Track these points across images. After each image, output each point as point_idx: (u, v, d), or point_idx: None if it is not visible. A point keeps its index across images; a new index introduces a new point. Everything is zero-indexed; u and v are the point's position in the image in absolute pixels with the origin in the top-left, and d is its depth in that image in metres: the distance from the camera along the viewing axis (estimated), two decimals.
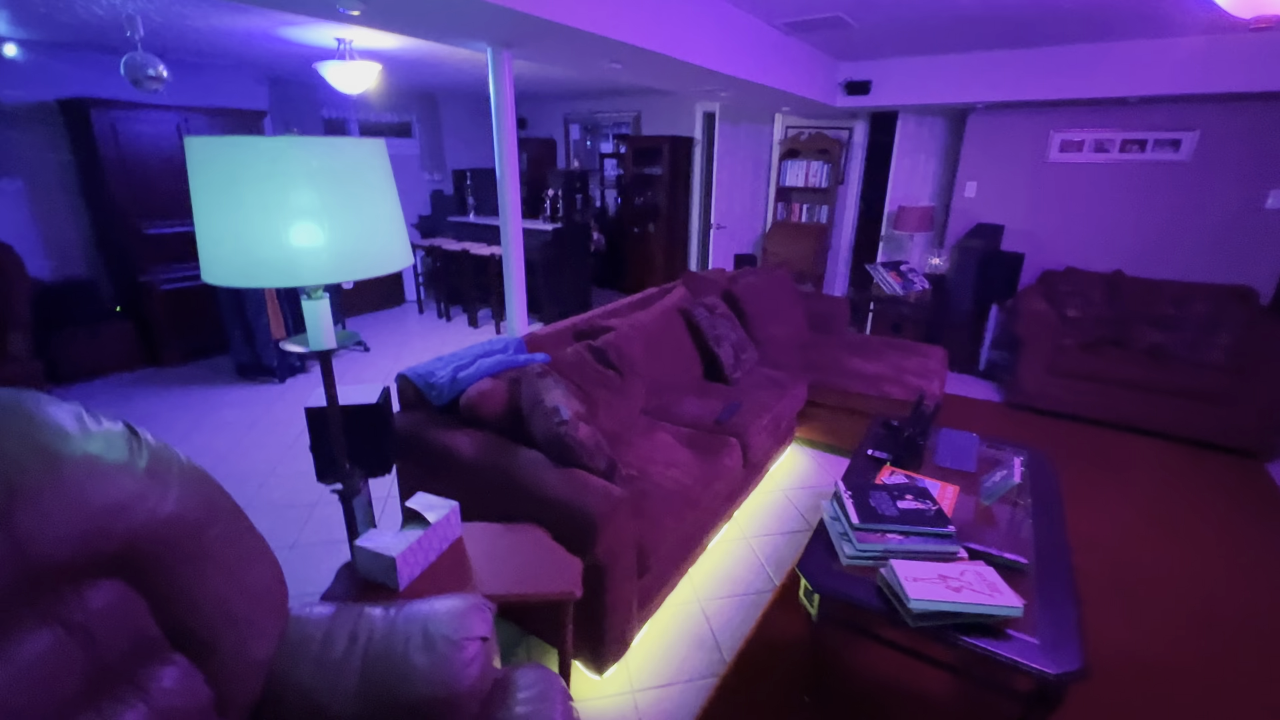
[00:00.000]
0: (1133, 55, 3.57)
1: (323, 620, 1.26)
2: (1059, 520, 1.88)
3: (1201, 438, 3.40)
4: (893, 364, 3.33)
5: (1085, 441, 3.47)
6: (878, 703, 1.79)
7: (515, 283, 2.66)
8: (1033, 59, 3.87)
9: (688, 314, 3.16)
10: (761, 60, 3.40)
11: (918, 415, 2.28)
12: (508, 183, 2.49)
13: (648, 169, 6.27)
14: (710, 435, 2.49)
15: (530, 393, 1.97)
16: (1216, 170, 3.85)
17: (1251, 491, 2.96)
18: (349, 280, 1.28)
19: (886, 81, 4.42)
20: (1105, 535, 2.60)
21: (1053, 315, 3.74)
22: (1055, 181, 4.36)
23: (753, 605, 2.19)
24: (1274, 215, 3.74)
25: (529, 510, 1.72)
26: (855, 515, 1.72)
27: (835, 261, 5.78)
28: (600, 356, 2.54)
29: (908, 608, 1.45)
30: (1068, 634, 1.44)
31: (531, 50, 2.43)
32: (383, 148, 1.28)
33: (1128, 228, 4.19)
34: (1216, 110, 3.80)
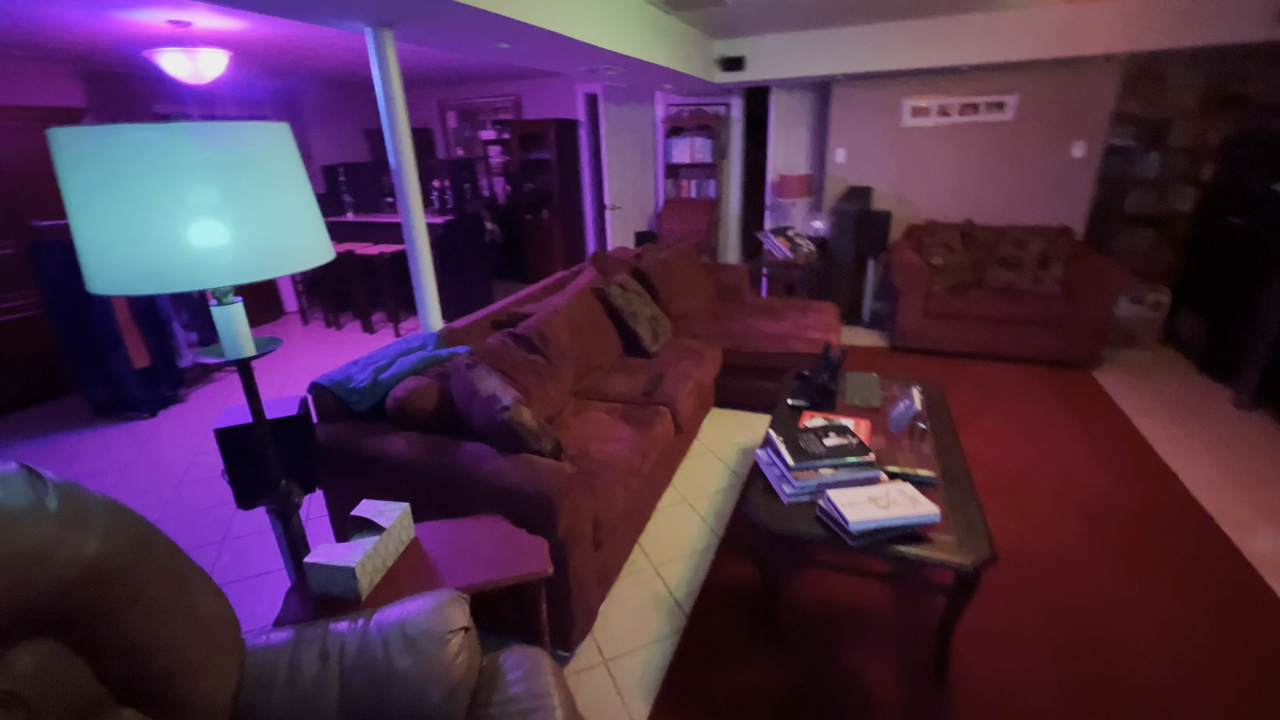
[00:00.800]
0: (964, 28, 4.03)
1: (284, 646, 1.18)
2: (955, 439, 2.15)
3: (1048, 358, 3.99)
4: (794, 322, 3.57)
5: (960, 372, 3.95)
6: (826, 623, 1.97)
7: (424, 275, 2.54)
8: (885, 33, 4.25)
9: (602, 293, 3.19)
10: (643, 38, 3.46)
11: (827, 363, 2.49)
12: (405, 173, 2.36)
13: (535, 154, 6.16)
14: (641, 408, 2.56)
15: (463, 385, 1.92)
16: (1034, 127, 4.48)
17: (1088, 396, 3.54)
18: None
19: (758, 57, 4.65)
20: (986, 449, 2.99)
21: (921, 264, 4.19)
22: (910, 144, 4.85)
23: (702, 560, 2.31)
24: (1079, 163, 4.43)
25: (482, 502, 1.69)
26: (790, 457, 1.86)
27: (728, 232, 6.04)
28: (525, 343, 2.51)
29: (848, 531, 1.61)
30: (977, 531, 1.67)
31: (416, 30, 2.31)
32: (288, 132, 1.19)
33: (972, 181, 4.76)
34: (1031, 75, 4.40)
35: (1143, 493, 2.60)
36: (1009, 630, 1.92)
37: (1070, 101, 4.36)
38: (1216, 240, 3.88)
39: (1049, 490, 2.64)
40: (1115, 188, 4.86)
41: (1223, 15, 3.57)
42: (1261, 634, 1.88)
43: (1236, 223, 3.68)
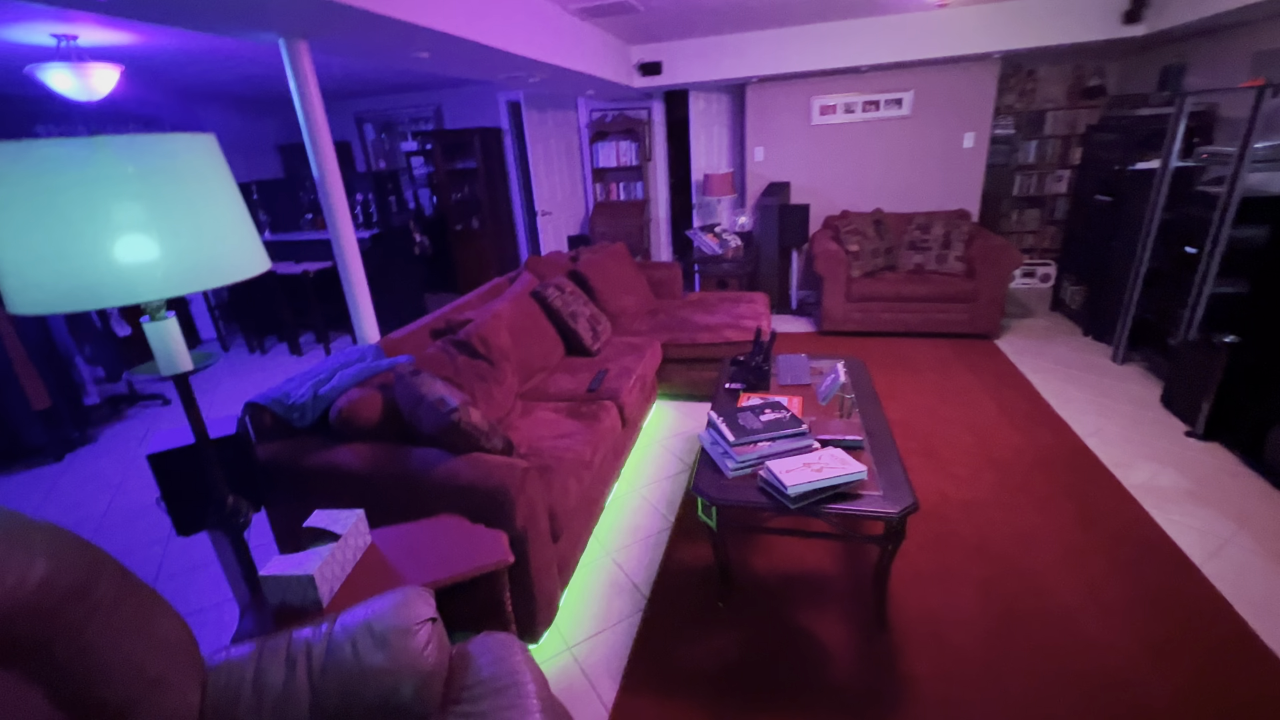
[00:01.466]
0: (862, 32, 4.35)
1: (246, 658, 1.17)
2: (877, 405, 2.34)
3: (957, 331, 4.35)
4: (728, 313, 3.74)
5: (883, 350, 4.24)
6: (777, 588, 2.10)
7: (357, 288, 2.51)
8: (791, 36, 4.51)
9: (540, 296, 3.24)
10: (562, 45, 3.53)
11: (759, 347, 2.64)
12: (330, 187, 2.33)
13: (460, 163, 6.10)
14: (587, 404, 2.63)
15: (408, 392, 1.93)
16: (930, 120, 4.87)
17: (993, 363, 3.89)
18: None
19: (675, 62, 4.82)
20: (910, 416, 3.25)
21: (840, 252, 4.47)
22: (821, 140, 5.15)
23: (657, 544, 2.40)
24: (970, 152, 4.86)
25: (438, 503, 1.71)
26: (731, 435, 1.99)
27: (658, 232, 6.19)
28: (466, 349, 2.52)
29: (787, 494, 1.74)
30: (900, 483, 1.84)
31: (331, 40, 2.29)
32: (214, 144, 1.18)
33: (878, 172, 5.12)
34: (924, 73, 4.79)
35: (1043, 443, 2.91)
36: (937, 574, 2.12)
37: (959, 97, 4.77)
38: (1088, 216, 4.36)
39: (965, 448, 2.90)
40: (1002, 173, 5.35)
41: (1078, 17, 4.02)
42: (1141, 551, 2.16)
43: (1103, 200, 4.15)
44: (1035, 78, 5.14)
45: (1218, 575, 2.04)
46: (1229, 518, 2.32)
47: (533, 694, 1.20)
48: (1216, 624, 1.84)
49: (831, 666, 1.79)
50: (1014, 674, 1.72)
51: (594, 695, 1.76)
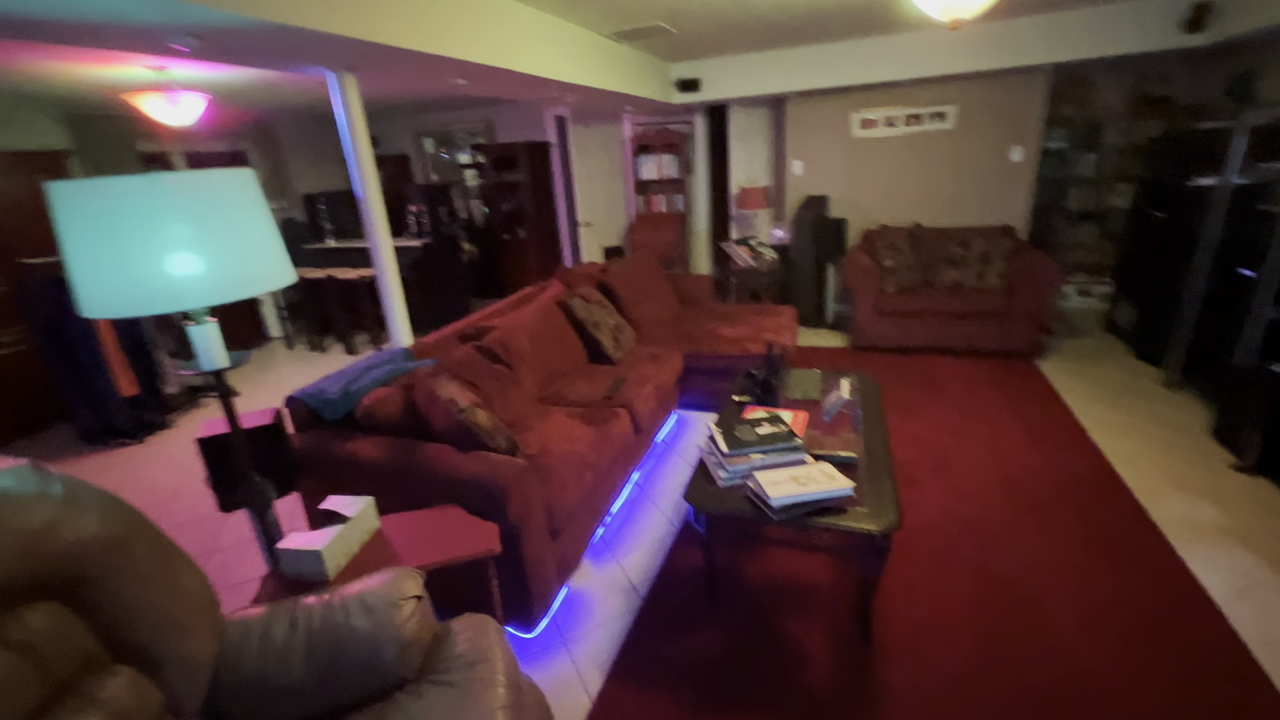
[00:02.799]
0: (903, 45, 4.32)
1: (259, 617, 1.35)
2: (881, 422, 2.35)
3: (992, 348, 4.22)
4: (752, 325, 3.79)
5: (913, 366, 4.17)
6: (767, 595, 2.15)
7: (393, 295, 2.74)
8: (829, 52, 4.52)
9: (565, 306, 3.40)
10: (599, 67, 3.70)
11: (769, 360, 2.69)
12: (371, 203, 2.57)
13: (508, 176, 6.39)
14: (600, 410, 2.75)
15: (425, 391, 2.11)
16: (974, 134, 4.75)
17: (1029, 383, 3.76)
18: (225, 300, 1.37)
19: (714, 78, 4.92)
20: (931, 433, 3.20)
21: (874, 267, 4.43)
22: (860, 154, 5.11)
23: (659, 548, 2.49)
24: (1018, 166, 4.70)
25: (442, 495, 1.87)
26: (725, 445, 2.06)
27: (697, 243, 6.28)
28: (488, 354, 2.70)
29: (771, 506, 1.80)
30: (887, 502, 1.86)
31: (374, 73, 2.53)
32: (251, 177, 1.39)
33: (919, 186, 5.02)
34: (967, 86, 4.68)
35: (1067, 466, 2.81)
36: (930, 589, 2.11)
37: (1005, 110, 4.64)
38: (1145, 233, 4.14)
39: (983, 468, 2.84)
40: (1056, 187, 5.14)
41: (1134, 27, 3.86)
42: (1155, 584, 2.08)
43: (1160, 216, 3.94)
44: (1093, 87, 4.92)
45: (1240, 617, 1.94)
46: (1264, 557, 2.19)
47: (500, 669, 1.32)
48: (1228, 669, 1.76)
49: (810, 671, 1.83)
50: (991, 695, 1.71)
51: (580, 685, 1.87)
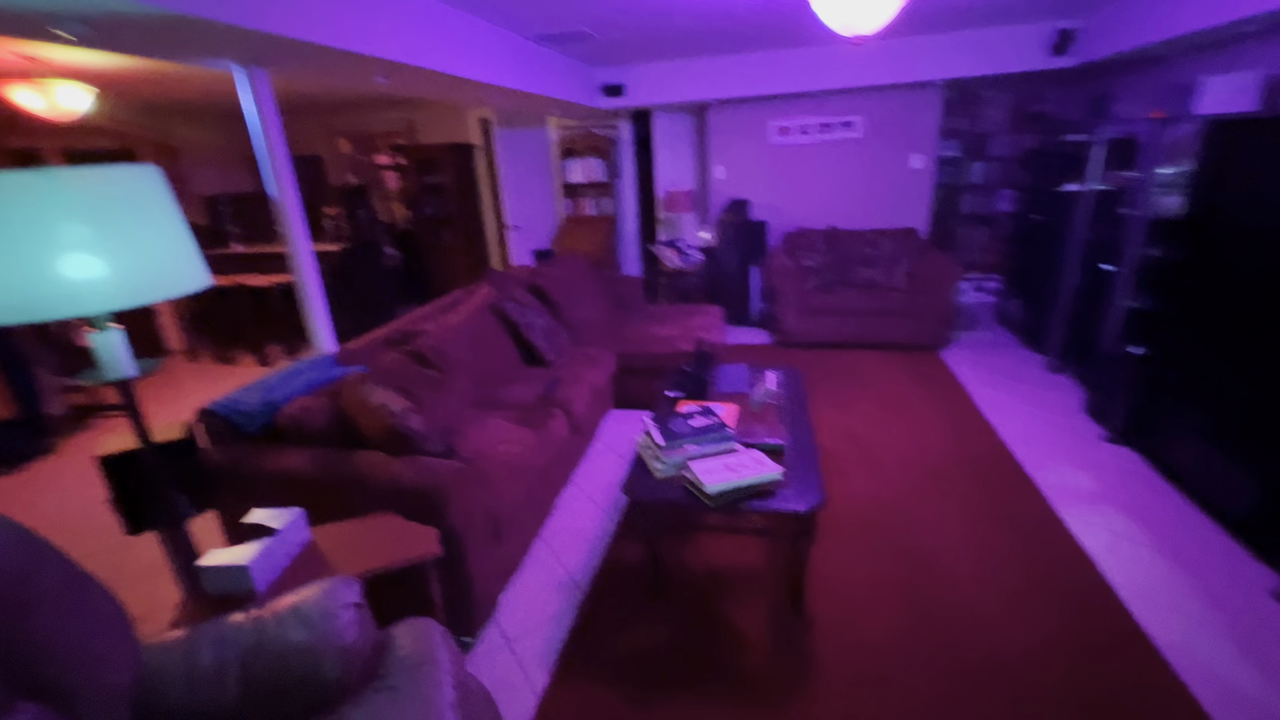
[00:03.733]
0: (813, 60, 4.59)
1: (180, 641, 1.28)
2: (805, 412, 2.50)
3: (903, 342, 4.55)
4: (682, 325, 3.90)
5: (834, 360, 4.43)
6: (706, 582, 2.23)
7: (315, 302, 2.63)
8: (748, 63, 4.73)
9: (498, 309, 3.37)
10: (523, 70, 3.70)
11: (700, 357, 2.80)
12: (288, 204, 2.45)
13: (431, 178, 6.23)
14: (536, 411, 2.75)
15: (354, 398, 2.05)
16: (879, 143, 5.12)
17: (936, 373, 4.09)
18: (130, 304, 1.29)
19: (638, 84, 5.02)
20: (854, 424, 3.42)
21: (795, 267, 4.67)
22: (778, 160, 5.38)
23: (599, 545, 2.52)
24: (917, 174, 5.11)
25: (378, 503, 1.82)
26: (661, 439, 2.13)
27: (626, 246, 6.36)
28: (419, 359, 2.64)
29: (706, 492, 1.89)
30: (812, 484, 1.99)
31: (286, 68, 2.42)
32: (157, 174, 1.31)
33: (832, 191, 5.35)
34: (873, 98, 5.04)
35: (969, 447, 3.09)
36: (859, 569, 2.27)
37: (906, 121, 5.02)
38: (1027, 234, 4.61)
39: (902, 454, 3.07)
40: (951, 192, 5.61)
41: (1012, 49, 4.29)
42: (1045, 547, 2.33)
43: (1039, 219, 4.40)
44: (980, 102, 5.43)
45: (1111, 568, 2.22)
46: (1128, 516, 2.51)
47: (446, 669, 1.32)
48: (1105, 614, 2.01)
49: (750, 651, 1.92)
50: (914, 659, 1.87)
51: (525, 683, 1.87)
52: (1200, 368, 2.68)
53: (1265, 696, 1.68)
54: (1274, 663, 1.79)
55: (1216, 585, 2.10)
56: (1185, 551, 2.28)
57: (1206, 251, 2.69)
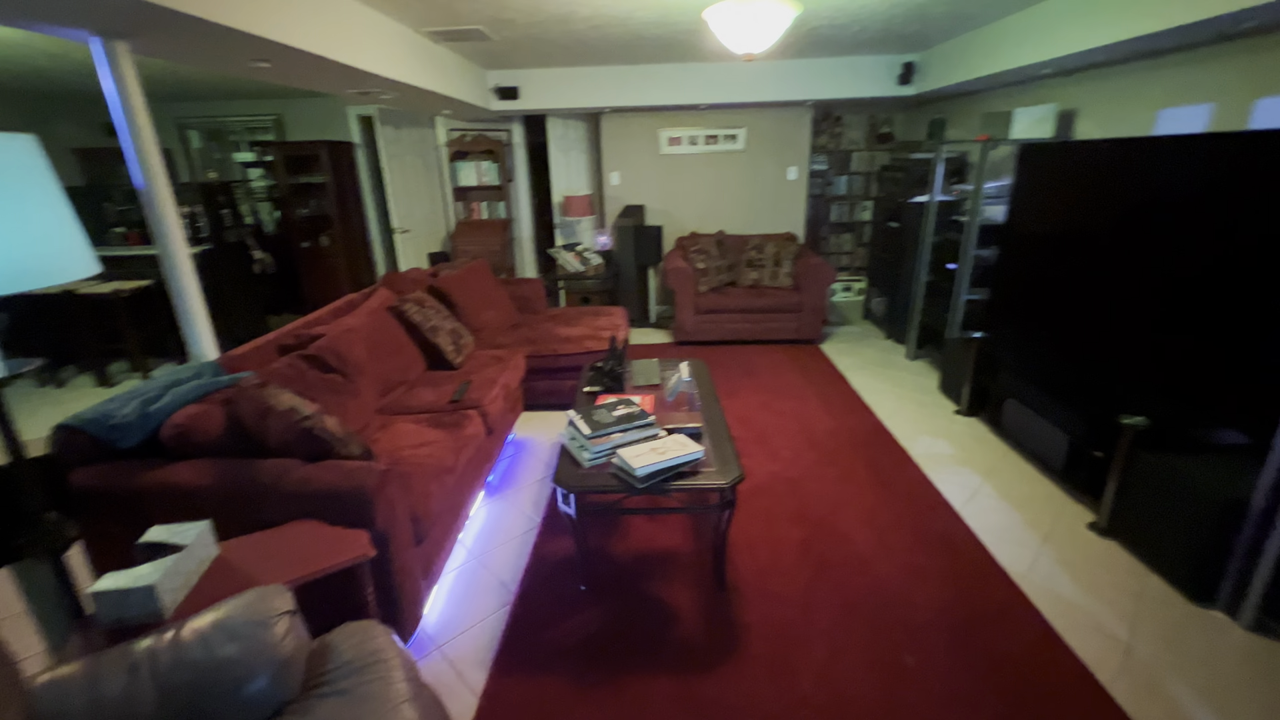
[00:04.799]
0: (700, 74, 4.88)
1: (79, 673, 1.13)
2: (715, 399, 2.68)
3: (789, 337, 4.97)
4: (588, 325, 3.97)
5: (729, 356, 4.73)
6: (635, 566, 2.32)
7: (192, 304, 2.37)
8: (641, 73, 4.93)
9: (399, 311, 3.23)
10: (417, 64, 3.59)
11: (614, 352, 2.89)
12: (159, 198, 2.20)
13: (306, 177, 5.76)
14: (450, 414, 2.69)
15: (253, 405, 1.89)
16: (760, 154, 5.56)
17: (818, 363, 4.52)
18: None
19: (532, 88, 5.03)
20: (748, 411, 3.68)
21: (689, 270, 4.92)
22: (670, 168, 5.65)
23: (523, 543, 2.52)
24: (793, 184, 5.61)
25: (292, 512, 1.70)
26: (587, 429, 2.18)
27: (522, 250, 6.31)
28: (318, 363, 2.48)
29: (635, 475, 1.97)
30: (730, 460, 2.15)
31: (154, 43, 2.18)
32: (34, 144, 1.16)
33: (720, 198, 5.71)
34: (753, 114, 5.46)
35: (851, 426, 3.47)
36: (766, 539, 2.47)
37: (782, 136, 5.51)
38: (885, 240, 5.24)
39: (791, 434, 3.37)
40: (823, 203, 6.22)
41: (867, 77, 4.87)
42: (918, 504, 2.69)
43: (892, 225, 5.02)
44: (842, 123, 6.08)
45: (970, 516, 2.61)
46: (980, 473, 2.96)
47: (398, 667, 1.28)
48: (967, 553, 2.37)
49: (680, 626, 2.03)
50: (821, 608, 2.09)
51: (464, 685, 1.84)
52: (1020, 347, 3.24)
53: (1091, 607, 2.09)
54: (1093, 581, 2.22)
55: (1047, 523, 2.56)
56: (1022, 498, 2.74)
57: (1021, 250, 3.26)
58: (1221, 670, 1.81)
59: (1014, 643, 1.93)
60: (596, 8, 3.09)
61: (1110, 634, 1.96)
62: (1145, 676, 1.80)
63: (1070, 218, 2.89)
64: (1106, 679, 1.79)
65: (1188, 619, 2.02)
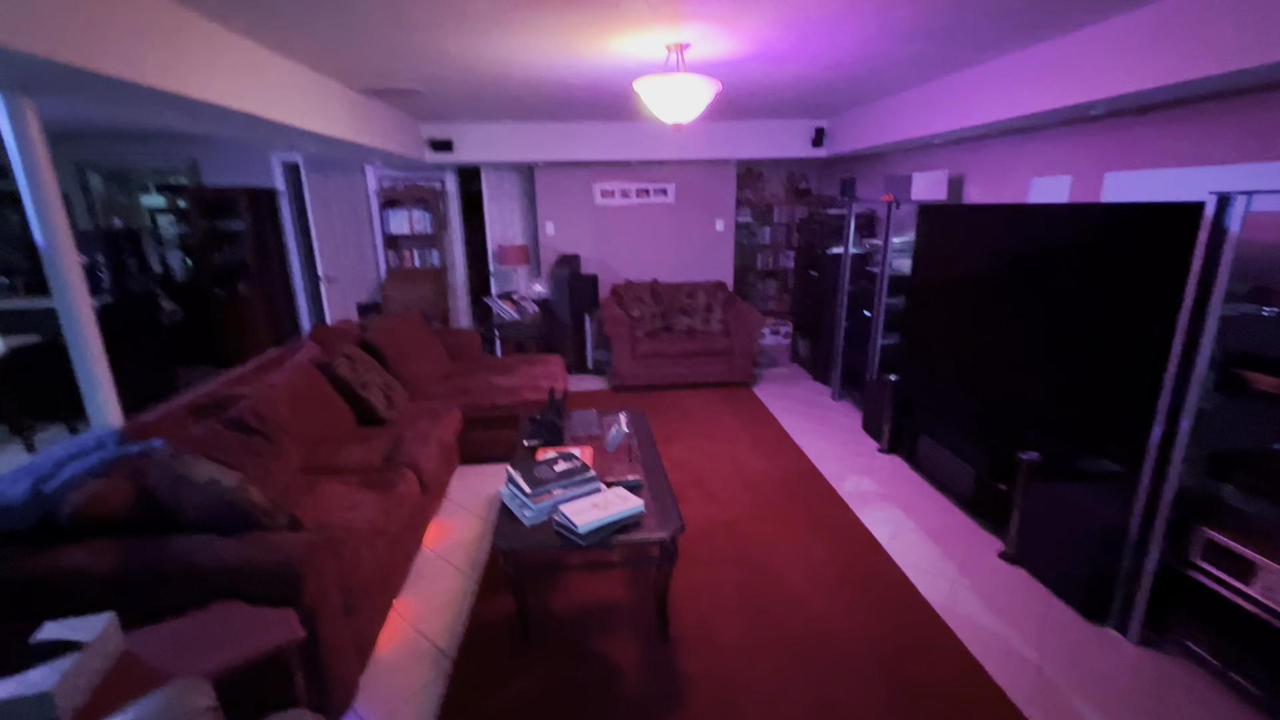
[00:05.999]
0: (630, 133, 5.13)
1: None
2: (654, 448, 2.74)
3: (721, 380, 5.15)
4: (526, 374, 3.97)
5: (665, 400, 4.83)
6: (577, 622, 2.30)
7: (94, 366, 2.21)
8: (574, 130, 5.11)
9: (327, 367, 3.12)
10: (347, 119, 3.58)
11: (552, 404, 2.91)
12: (62, 252, 2.07)
13: (224, 224, 5.52)
14: (382, 472, 2.60)
15: (166, 476, 1.78)
16: (689, 208, 5.85)
17: (749, 406, 4.69)
18: None
19: (467, 141, 5.11)
20: (685, 455, 3.77)
21: (625, 317, 5.04)
22: (604, 219, 5.82)
23: (461, 606, 2.44)
24: (720, 235, 5.92)
25: (211, 591, 1.59)
26: (527, 486, 2.18)
27: (456, 299, 6.25)
28: (239, 425, 2.35)
29: (578, 532, 1.98)
30: (671, 512, 2.20)
31: (64, 98, 2.10)
32: None
33: (653, 248, 5.93)
34: (682, 169, 5.76)
35: (784, 466, 3.61)
36: (706, 584, 2.52)
37: (709, 190, 5.83)
38: (807, 287, 5.58)
39: (727, 478, 3.47)
40: (748, 252, 6.57)
41: (785, 139, 5.27)
42: (847, 541, 2.83)
43: (814, 274, 5.37)
44: (764, 179, 6.51)
45: (894, 550, 2.76)
46: (901, 508, 3.15)
47: None
48: (893, 587, 2.50)
49: (625, 682, 2.02)
50: (762, 651, 2.14)
51: None
52: (928, 387, 3.52)
53: (1004, 632, 2.25)
54: (1005, 607, 2.40)
55: (961, 553, 2.75)
56: (940, 531, 2.94)
57: (924, 299, 3.58)
58: (1116, 685, 2.00)
59: (939, 672, 2.04)
60: (531, 70, 3.23)
61: (1022, 657, 2.12)
62: (1054, 696, 1.95)
63: (963, 271, 3.22)
64: (1021, 701, 1.93)
65: (1086, 638, 2.21)
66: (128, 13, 1.93)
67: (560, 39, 2.64)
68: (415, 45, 2.73)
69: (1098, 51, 2.45)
